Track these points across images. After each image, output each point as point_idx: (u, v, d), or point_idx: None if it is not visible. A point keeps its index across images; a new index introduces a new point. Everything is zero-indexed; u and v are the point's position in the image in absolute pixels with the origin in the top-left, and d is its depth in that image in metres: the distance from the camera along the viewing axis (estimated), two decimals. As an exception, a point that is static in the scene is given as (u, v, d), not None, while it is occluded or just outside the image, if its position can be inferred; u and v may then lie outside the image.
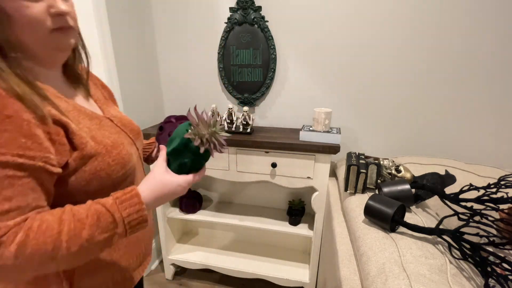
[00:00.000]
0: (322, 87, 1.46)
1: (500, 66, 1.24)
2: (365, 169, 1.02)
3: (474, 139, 1.36)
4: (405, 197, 0.87)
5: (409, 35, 1.29)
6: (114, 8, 1.28)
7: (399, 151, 1.46)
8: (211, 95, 1.62)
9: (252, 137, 1.32)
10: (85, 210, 0.45)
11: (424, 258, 0.65)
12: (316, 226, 1.37)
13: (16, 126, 0.41)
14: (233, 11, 1.41)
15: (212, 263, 1.58)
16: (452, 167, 1.20)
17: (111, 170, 0.53)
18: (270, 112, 1.58)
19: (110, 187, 0.54)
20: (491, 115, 1.31)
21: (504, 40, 1.21)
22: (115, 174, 0.54)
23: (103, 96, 0.69)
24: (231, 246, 1.74)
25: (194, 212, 1.61)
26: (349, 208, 0.98)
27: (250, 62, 1.48)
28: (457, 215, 0.76)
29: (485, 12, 1.19)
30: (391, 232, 0.77)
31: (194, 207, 1.61)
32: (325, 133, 1.26)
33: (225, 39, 1.46)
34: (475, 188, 0.80)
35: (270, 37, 1.41)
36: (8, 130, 0.40)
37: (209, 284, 1.65)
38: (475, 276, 0.65)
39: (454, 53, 1.27)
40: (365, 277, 0.68)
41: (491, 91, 1.28)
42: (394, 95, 1.39)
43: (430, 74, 1.32)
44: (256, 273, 1.52)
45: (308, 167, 1.29)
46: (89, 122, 0.55)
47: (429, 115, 1.38)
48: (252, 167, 1.36)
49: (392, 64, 1.34)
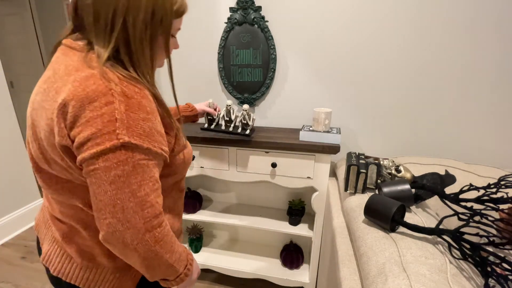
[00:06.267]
0: (322, 87, 1.46)
1: (500, 66, 1.24)
2: (365, 169, 1.02)
3: (474, 139, 1.36)
4: (405, 197, 0.87)
5: (409, 35, 1.29)
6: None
7: (399, 151, 1.46)
8: (211, 95, 1.63)
9: (252, 137, 1.32)
10: (180, 250, 0.61)
11: (424, 258, 0.65)
12: (316, 226, 1.37)
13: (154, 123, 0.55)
14: (233, 11, 1.41)
15: (212, 263, 1.58)
16: (452, 167, 1.20)
17: (189, 159, 0.71)
18: (270, 112, 1.58)
19: (187, 161, 0.71)
20: (491, 115, 1.31)
21: (505, 40, 1.21)
22: (188, 164, 0.72)
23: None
24: (231, 246, 1.74)
25: (194, 212, 1.61)
26: (349, 208, 0.98)
27: (250, 62, 1.48)
28: (457, 215, 0.76)
29: (486, 12, 1.19)
30: (391, 232, 0.77)
31: (194, 207, 1.61)
32: (325, 133, 1.26)
33: (225, 39, 1.46)
34: (475, 188, 0.80)
35: (270, 37, 1.41)
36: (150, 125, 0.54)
37: (209, 284, 1.65)
38: (475, 276, 0.65)
39: (454, 53, 1.27)
40: (365, 277, 0.68)
41: (491, 91, 1.28)
42: (395, 95, 1.39)
43: (430, 74, 1.32)
44: (256, 273, 1.52)
45: (308, 167, 1.29)
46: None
47: (429, 115, 1.38)
48: (252, 167, 1.36)
49: (392, 64, 1.34)
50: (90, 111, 0.48)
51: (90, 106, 0.48)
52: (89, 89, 0.49)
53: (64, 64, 0.54)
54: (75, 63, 0.53)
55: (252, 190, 1.72)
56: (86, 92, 0.49)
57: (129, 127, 0.49)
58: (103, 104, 0.48)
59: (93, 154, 0.48)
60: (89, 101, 0.48)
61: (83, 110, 0.48)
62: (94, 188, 0.50)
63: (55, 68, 0.56)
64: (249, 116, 1.28)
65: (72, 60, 0.54)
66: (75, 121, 0.49)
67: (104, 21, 0.52)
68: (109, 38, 0.53)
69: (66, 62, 0.55)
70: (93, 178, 0.50)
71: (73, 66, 0.53)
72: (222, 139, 1.30)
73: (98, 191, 0.49)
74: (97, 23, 0.53)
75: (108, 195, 0.49)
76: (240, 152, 1.35)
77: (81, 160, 0.50)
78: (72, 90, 0.49)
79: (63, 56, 0.56)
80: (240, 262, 1.59)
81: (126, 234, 0.50)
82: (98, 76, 0.50)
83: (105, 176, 0.49)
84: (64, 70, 0.53)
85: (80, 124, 0.49)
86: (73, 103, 0.49)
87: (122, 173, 0.49)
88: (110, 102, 0.48)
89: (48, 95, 0.54)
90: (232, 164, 1.38)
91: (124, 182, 0.49)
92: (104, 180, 0.49)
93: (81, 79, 0.50)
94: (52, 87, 0.53)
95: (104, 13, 0.52)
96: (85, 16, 0.54)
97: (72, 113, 0.49)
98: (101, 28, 0.53)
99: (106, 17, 0.52)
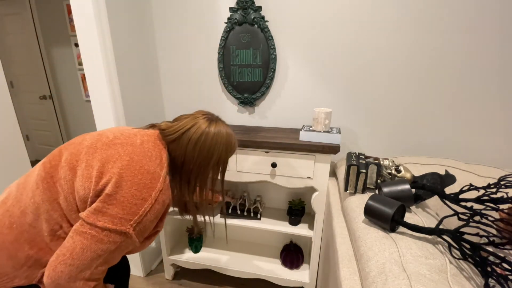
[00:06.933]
0: (322, 87, 1.46)
1: (500, 67, 1.24)
2: (365, 169, 1.02)
3: (474, 139, 1.36)
4: (405, 197, 0.87)
5: (409, 35, 1.29)
6: (114, 8, 1.28)
7: (399, 151, 1.46)
8: (211, 95, 1.63)
9: (252, 137, 1.32)
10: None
11: (424, 258, 0.65)
12: (316, 226, 1.37)
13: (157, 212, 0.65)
14: (233, 11, 1.41)
15: (212, 263, 1.58)
16: (452, 167, 1.20)
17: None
18: (270, 112, 1.58)
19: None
20: (491, 115, 1.31)
21: (505, 40, 1.21)
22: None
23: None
24: (231, 246, 1.74)
25: (194, 212, 1.61)
26: (349, 208, 0.98)
27: (250, 62, 1.48)
28: (457, 215, 0.75)
29: (487, 13, 1.19)
30: (391, 232, 0.77)
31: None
32: (325, 133, 1.26)
33: (225, 39, 1.46)
34: (475, 188, 0.80)
35: (270, 37, 1.41)
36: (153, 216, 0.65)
37: (209, 284, 1.65)
38: (475, 276, 0.65)
39: (455, 53, 1.27)
40: (365, 277, 0.68)
41: (491, 91, 1.28)
42: (394, 95, 1.39)
43: (430, 74, 1.32)
44: (256, 273, 1.52)
45: (308, 167, 1.29)
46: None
47: (429, 115, 1.38)
48: (252, 167, 1.36)
49: (392, 64, 1.34)
50: (131, 196, 0.59)
51: (133, 192, 0.58)
52: (143, 181, 0.60)
53: (141, 140, 0.67)
54: (154, 154, 0.66)
55: (252, 190, 1.72)
56: (139, 179, 0.60)
57: (140, 223, 0.60)
58: (141, 197, 0.59)
59: (103, 227, 0.57)
60: (135, 188, 0.59)
61: (126, 190, 0.59)
62: (74, 244, 0.58)
63: (134, 134, 0.68)
64: (260, 204, 1.58)
65: (154, 149, 0.67)
66: (113, 195, 0.59)
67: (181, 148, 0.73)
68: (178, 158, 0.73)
69: (147, 144, 0.67)
70: (82, 238, 0.58)
71: (151, 154, 0.65)
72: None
73: (78, 250, 0.58)
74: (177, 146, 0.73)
75: (84, 257, 0.58)
76: (240, 152, 1.35)
77: (87, 221, 0.58)
78: (130, 168, 0.60)
79: (152, 139, 0.69)
80: (240, 262, 1.59)
81: (64, 285, 0.59)
82: (155, 177, 0.62)
83: (94, 244, 0.58)
84: (139, 146, 0.65)
85: (114, 198, 0.58)
86: (123, 177, 0.59)
87: (106, 250, 0.59)
88: (145, 200, 0.59)
89: (108, 149, 0.63)
90: (232, 164, 1.38)
91: (100, 256, 0.59)
92: (92, 246, 0.58)
93: (145, 170, 0.61)
94: (116, 148, 0.63)
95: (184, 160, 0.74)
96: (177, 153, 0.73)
97: (114, 186, 0.58)
98: (178, 151, 0.72)
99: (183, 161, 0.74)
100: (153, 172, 0.62)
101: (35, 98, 3.28)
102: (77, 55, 2.94)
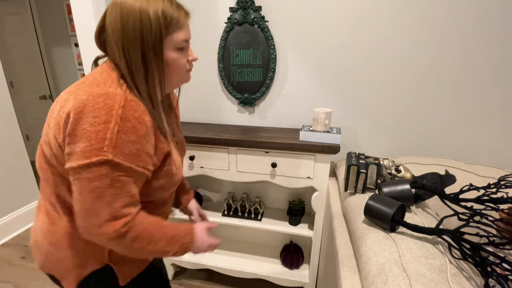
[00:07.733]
0: (322, 87, 1.46)
1: (500, 67, 1.24)
2: (365, 169, 1.02)
3: (474, 139, 1.36)
4: (405, 197, 0.87)
5: (409, 35, 1.29)
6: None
7: (399, 151, 1.46)
8: (211, 95, 1.63)
9: (252, 137, 1.32)
10: (168, 236, 0.66)
11: (424, 258, 0.65)
12: (316, 226, 1.37)
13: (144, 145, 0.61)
14: (233, 11, 1.41)
15: (212, 263, 1.58)
16: (452, 167, 1.20)
17: (174, 175, 0.73)
18: (270, 112, 1.58)
19: (167, 188, 0.74)
20: (491, 115, 1.31)
21: (505, 41, 1.21)
22: (173, 181, 0.74)
23: (176, 117, 0.89)
24: (231, 246, 1.74)
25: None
26: (349, 208, 0.98)
27: (250, 62, 1.48)
28: (457, 215, 0.76)
29: (487, 13, 1.19)
30: (391, 232, 0.77)
31: (194, 207, 1.61)
32: (325, 133, 1.26)
33: (225, 39, 1.46)
34: (475, 188, 0.80)
35: (270, 37, 1.41)
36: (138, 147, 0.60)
37: (209, 284, 1.65)
38: (475, 276, 0.65)
39: (455, 53, 1.27)
40: (365, 277, 0.68)
41: (491, 91, 1.28)
42: (394, 95, 1.39)
43: (430, 74, 1.32)
44: (256, 273, 1.52)
45: (308, 167, 1.29)
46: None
47: (429, 115, 1.38)
48: (252, 167, 1.36)
49: (392, 64, 1.34)
50: (90, 125, 0.54)
51: (90, 120, 0.54)
52: (96, 106, 0.55)
53: (94, 77, 0.62)
54: (101, 79, 0.61)
55: (252, 190, 1.72)
56: (92, 106, 0.55)
57: (116, 146, 0.56)
58: (101, 121, 0.55)
59: (80, 165, 0.55)
60: (92, 115, 0.55)
61: (84, 122, 0.55)
62: (76, 194, 0.57)
63: (88, 76, 0.64)
64: (260, 205, 1.58)
65: (101, 75, 0.62)
66: (73, 132, 0.55)
67: (113, 49, 0.62)
68: (120, 63, 0.62)
69: (95, 75, 0.62)
70: (77, 186, 0.56)
71: (98, 81, 0.60)
72: (222, 139, 1.31)
73: (79, 198, 0.57)
74: (110, 51, 0.64)
75: (86, 202, 0.57)
76: (240, 152, 1.35)
77: (69, 168, 0.56)
78: (83, 101, 0.56)
79: (99, 69, 0.65)
80: (240, 262, 1.59)
81: (100, 238, 0.59)
82: (109, 96, 0.57)
83: (86, 185, 0.56)
84: (88, 80, 0.61)
85: (75, 135, 0.55)
86: (76, 113, 0.55)
87: (101, 185, 0.56)
88: (107, 122, 0.55)
89: (68, 98, 0.59)
90: (232, 164, 1.38)
91: (102, 193, 0.56)
92: (85, 188, 0.56)
93: (95, 95, 0.56)
94: (73, 92, 0.60)
95: (114, 44, 0.61)
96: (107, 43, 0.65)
97: (72, 123, 0.55)
98: (115, 56, 0.62)
99: (114, 47, 0.62)
100: (105, 93, 0.56)
101: (35, 98, 3.28)
102: (77, 55, 2.94)
